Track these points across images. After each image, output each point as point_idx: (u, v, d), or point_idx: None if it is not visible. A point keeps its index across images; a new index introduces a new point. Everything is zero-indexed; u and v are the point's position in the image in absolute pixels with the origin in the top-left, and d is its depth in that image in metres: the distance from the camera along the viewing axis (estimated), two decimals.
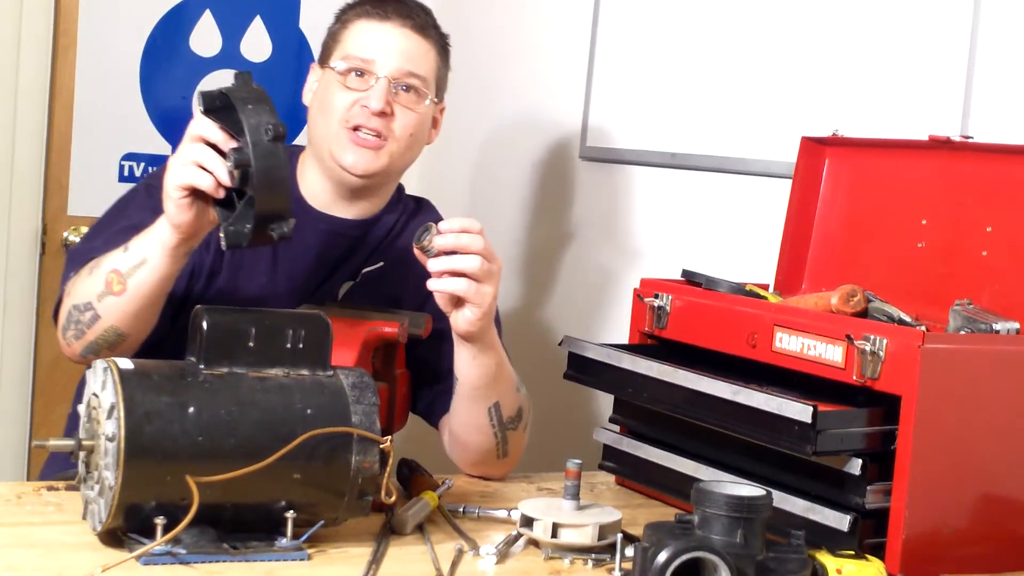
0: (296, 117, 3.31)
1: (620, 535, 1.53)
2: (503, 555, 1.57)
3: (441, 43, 2.07)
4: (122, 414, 1.41)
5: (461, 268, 1.73)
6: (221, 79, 3.16)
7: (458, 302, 1.76)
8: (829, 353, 1.61)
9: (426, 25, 2.04)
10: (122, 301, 1.74)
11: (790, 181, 2.00)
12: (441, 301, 1.77)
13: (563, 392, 2.57)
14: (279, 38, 3.25)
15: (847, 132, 1.96)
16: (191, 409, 1.44)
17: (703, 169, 2.41)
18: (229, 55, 3.20)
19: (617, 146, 2.62)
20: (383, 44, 2.00)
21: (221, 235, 1.59)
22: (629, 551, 1.48)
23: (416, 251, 1.75)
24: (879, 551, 1.54)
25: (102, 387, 1.45)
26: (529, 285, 2.90)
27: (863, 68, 2.12)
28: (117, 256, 1.75)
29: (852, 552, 1.48)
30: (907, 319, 1.70)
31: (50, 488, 1.69)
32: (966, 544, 1.58)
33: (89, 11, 3.09)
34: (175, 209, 1.64)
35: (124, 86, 3.15)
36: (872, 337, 1.56)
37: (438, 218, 2.17)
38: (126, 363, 1.46)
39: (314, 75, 2.09)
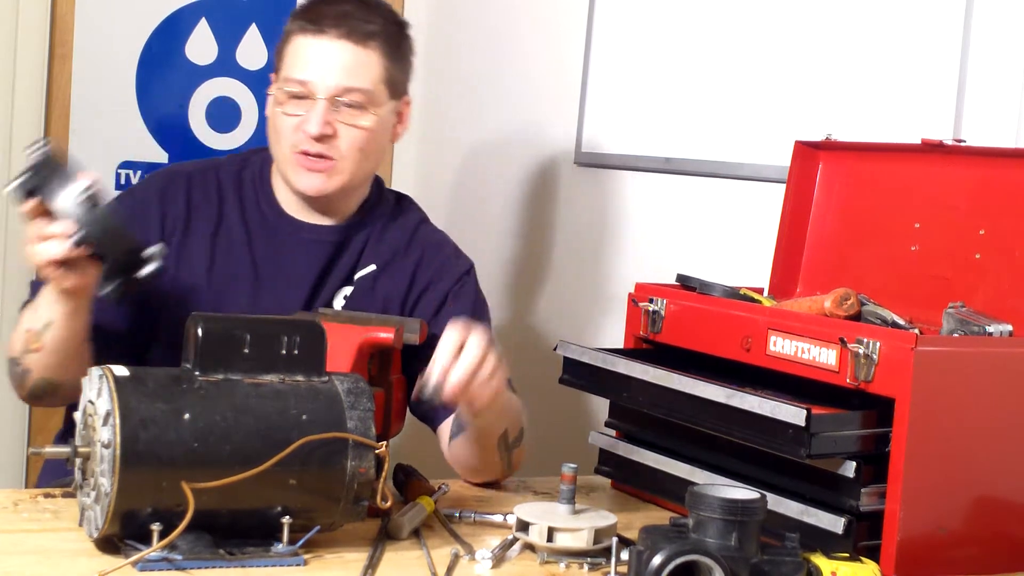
0: None
1: (615, 539, 1.54)
2: (499, 559, 1.57)
3: (389, 44, 2.01)
4: (118, 421, 1.41)
5: (464, 383, 1.66)
6: (217, 87, 3.17)
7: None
8: (823, 356, 1.62)
9: (367, 32, 1.98)
10: (42, 357, 1.82)
11: (784, 185, 2.00)
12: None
13: (558, 397, 2.58)
14: (275, 46, 3.25)
15: (840, 136, 1.96)
16: (187, 416, 1.44)
17: (697, 174, 2.42)
18: (225, 63, 3.20)
19: (611, 151, 2.62)
20: (319, 62, 1.95)
21: (100, 294, 1.70)
22: (624, 555, 1.48)
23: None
24: (874, 553, 1.54)
25: (98, 394, 1.46)
26: (524, 290, 2.90)
27: (856, 72, 2.13)
28: (30, 315, 1.83)
29: (847, 555, 1.48)
30: (900, 322, 1.71)
31: (47, 495, 1.69)
32: (960, 546, 1.58)
33: (85, 19, 3.09)
34: (53, 282, 1.72)
35: (120, 94, 3.15)
36: (865, 340, 1.56)
37: (421, 216, 2.16)
38: (122, 370, 1.47)
39: (273, 86, 2.05)
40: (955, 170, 1.82)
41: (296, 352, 1.53)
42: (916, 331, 1.60)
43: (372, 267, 2.06)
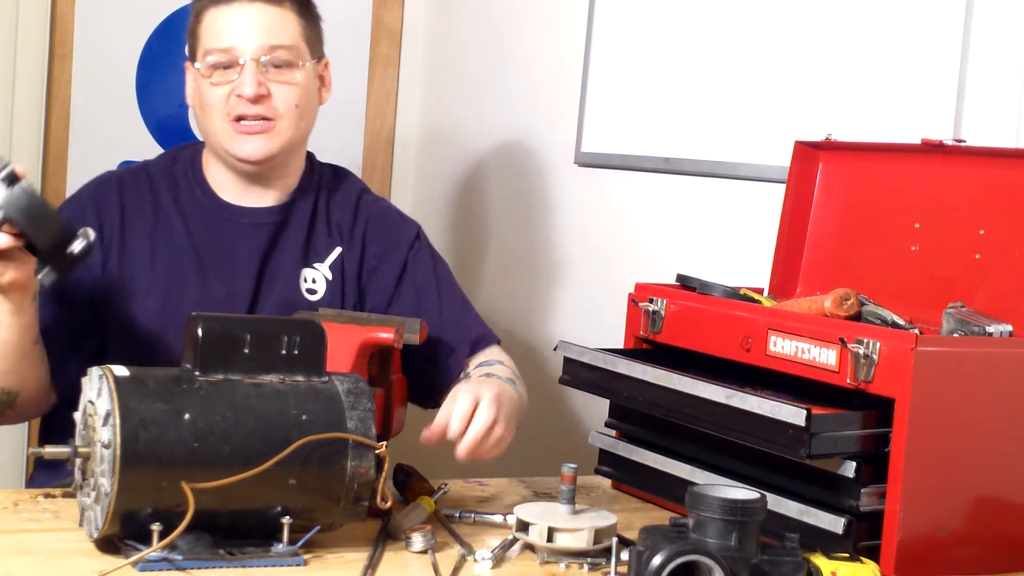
0: None
1: (615, 539, 1.54)
2: (499, 559, 1.57)
3: (301, 3, 2.01)
4: (118, 421, 1.41)
5: (471, 451, 1.72)
6: None
7: None
8: (823, 356, 1.62)
9: None
10: None
11: (784, 185, 2.00)
12: None
13: (559, 396, 2.58)
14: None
15: (840, 136, 1.96)
16: (186, 416, 1.44)
17: (697, 174, 2.42)
18: None
19: (611, 151, 2.62)
20: (237, 27, 1.96)
21: (40, 284, 1.67)
22: (624, 555, 1.48)
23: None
24: (874, 554, 1.54)
25: (98, 394, 1.46)
26: (524, 290, 2.90)
27: (856, 72, 2.13)
28: None
29: (847, 555, 1.48)
30: (900, 322, 1.71)
31: (47, 495, 1.69)
32: (960, 546, 1.58)
33: (85, 20, 3.09)
34: None
35: (120, 94, 3.15)
36: (865, 340, 1.56)
37: (361, 186, 2.16)
38: (122, 370, 1.47)
39: (189, 74, 2.06)
40: (955, 170, 1.82)
41: (296, 352, 1.53)
42: (916, 331, 1.60)
43: (338, 251, 2.06)
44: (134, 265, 2.00)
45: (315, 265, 2.07)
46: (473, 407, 1.72)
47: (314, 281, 2.06)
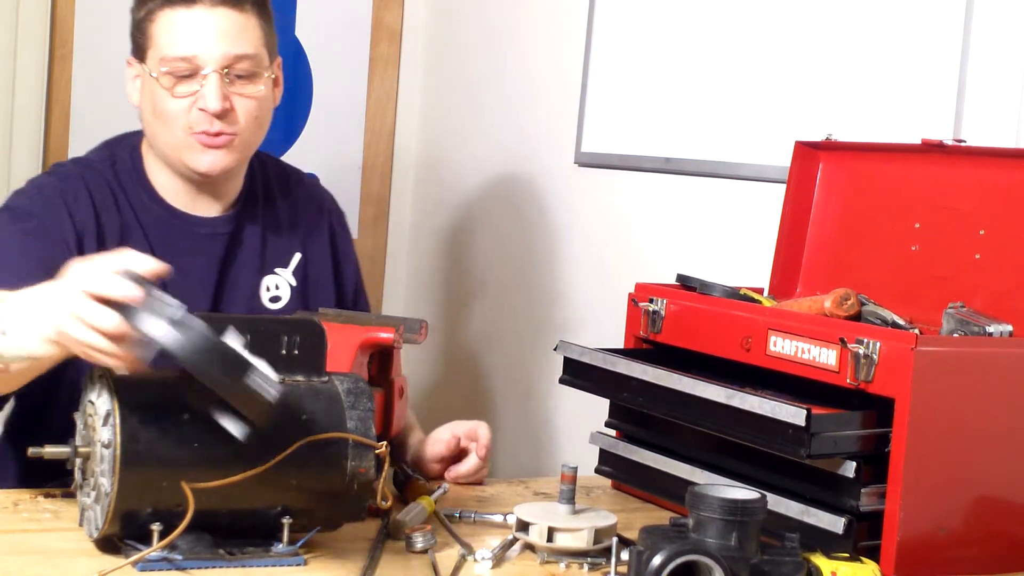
0: (290, 120, 3.33)
1: (615, 539, 1.54)
2: (499, 559, 1.57)
3: (259, 3, 1.87)
4: (118, 421, 1.41)
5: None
6: None
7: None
8: (823, 356, 1.62)
9: None
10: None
11: (784, 185, 2.00)
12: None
13: (558, 396, 2.58)
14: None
15: (840, 136, 1.97)
16: (186, 415, 1.44)
17: (697, 174, 2.42)
18: None
19: (612, 151, 2.62)
20: (199, 34, 1.82)
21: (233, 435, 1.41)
22: (624, 555, 1.48)
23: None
24: (874, 553, 1.54)
25: (98, 394, 1.46)
26: (524, 290, 2.90)
27: (856, 73, 2.13)
28: None
29: (847, 555, 1.48)
30: (900, 322, 1.71)
31: (47, 495, 1.69)
32: (961, 546, 1.58)
33: (85, 20, 3.08)
34: (69, 350, 1.42)
35: (121, 96, 3.13)
36: (865, 340, 1.56)
37: (287, 170, 2.08)
38: (122, 370, 1.47)
39: (132, 70, 1.94)
40: (955, 170, 1.82)
41: (296, 352, 1.53)
42: (916, 331, 1.60)
43: (298, 256, 2.02)
44: None
45: (277, 271, 2.00)
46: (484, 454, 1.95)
47: (277, 288, 2.00)
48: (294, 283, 2.02)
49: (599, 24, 2.66)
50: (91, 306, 1.35)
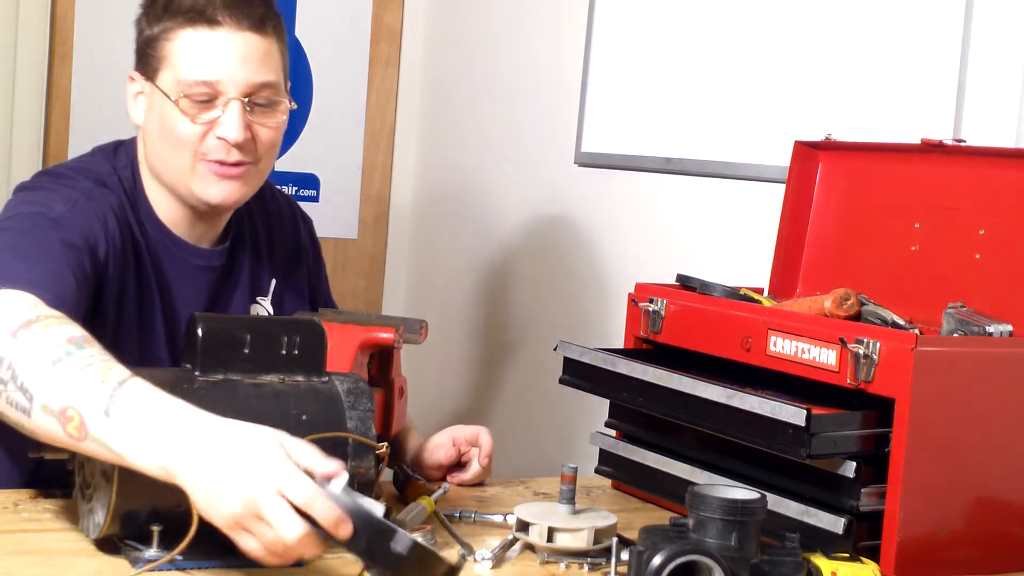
0: (290, 121, 3.33)
1: (615, 539, 1.54)
2: (499, 560, 1.57)
3: (278, 26, 1.78)
4: None
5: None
6: None
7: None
8: (823, 356, 1.62)
9: (260, 18, 1.75)
10: (63, 440, 1.38)
11: (784, 185, 2.01)
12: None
13: (559, 397, 2.58)
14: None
15: (840, 136, 1.97)
16: None
17: (698, 174, 2.42)
18: None
19: (612, 151, 2.63)
20: (221, 59, 1.72)
21: None
22: (624, 555, 1.48)
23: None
24: (874, 554, 1.54)
25: None
26: (524, 290, 2.90)
27: (856, 72, 2.13)
28: (92, 402, 1.35)
29: (847, 555, 1.48)
30: (900, 322, 1.71)
31: (47, 495, 1.69)
32: (960, 546, 1.58)
33: (85, 20, 3.09)
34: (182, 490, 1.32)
35: (120, 94, 3.14)
36: (865, 340, 1.56)
37: (268, 189, 1.98)
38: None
39: (135, 87, 1.86)
40: (955, 170, 1.82)
41: (296, 352, 1.53)
42: (916, 331, 1.60)
43: (272, 282, 1.97)
44: (128, 302, 1.77)
45: (259, 299, 1.96)
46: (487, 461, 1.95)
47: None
48: (271, 310, 1.97)
49: (599, 24, 2.66)
50: (289, 514, 1.27)
